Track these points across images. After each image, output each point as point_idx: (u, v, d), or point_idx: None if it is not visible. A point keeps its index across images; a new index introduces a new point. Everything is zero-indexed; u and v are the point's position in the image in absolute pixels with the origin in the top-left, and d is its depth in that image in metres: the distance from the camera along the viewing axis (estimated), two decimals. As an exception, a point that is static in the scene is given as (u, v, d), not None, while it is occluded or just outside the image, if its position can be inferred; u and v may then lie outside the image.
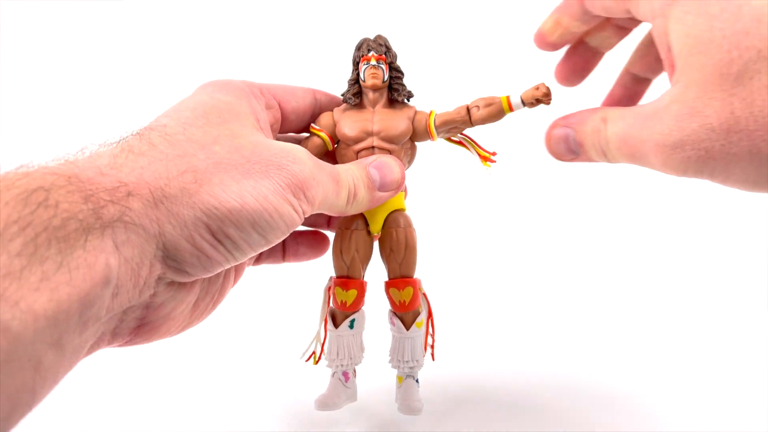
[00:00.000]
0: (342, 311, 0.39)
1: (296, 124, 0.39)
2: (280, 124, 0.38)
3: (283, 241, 0.42)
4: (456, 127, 0.38)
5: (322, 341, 0.41)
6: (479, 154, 0.39)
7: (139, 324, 0.29)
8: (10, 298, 0.21)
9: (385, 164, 0.36)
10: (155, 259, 0.27)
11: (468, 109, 0.37)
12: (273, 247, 0.41)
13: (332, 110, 0.39)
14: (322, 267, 0.42)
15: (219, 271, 0.30)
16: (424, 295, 0.40)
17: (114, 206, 0.25)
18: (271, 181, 0.29)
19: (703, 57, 0.27)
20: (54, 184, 0.24)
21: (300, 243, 0.42)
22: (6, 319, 0.21)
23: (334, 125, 0.38)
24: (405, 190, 0.40)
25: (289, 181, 0.30)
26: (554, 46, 0.38)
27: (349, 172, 0.35)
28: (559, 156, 0.35)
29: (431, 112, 0.38)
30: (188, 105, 0.32)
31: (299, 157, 0.31)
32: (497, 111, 0.36)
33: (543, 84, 0.35)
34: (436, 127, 0.38)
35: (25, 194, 0.23)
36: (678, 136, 0.28)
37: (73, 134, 0.79)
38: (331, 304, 0.40)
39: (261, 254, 0.42)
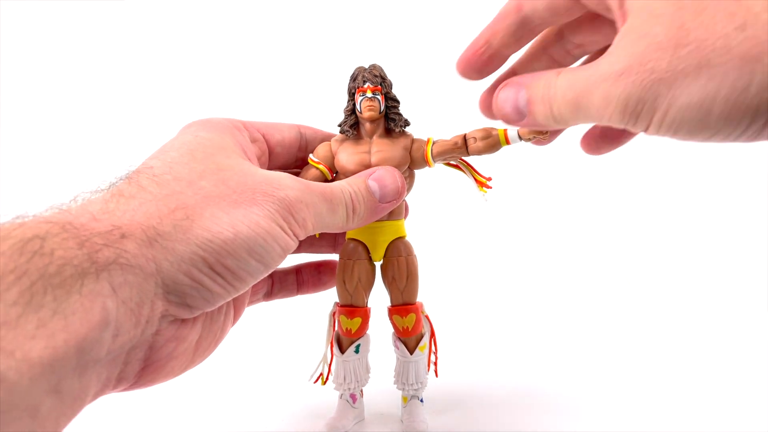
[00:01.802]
0: (347, 338, 0.40)
1: (284, 158, 0.39)
2: (267, 157, 0.38)
3: (295, 274, 0.43)
4: (453, 156, 0.38)
5: (329, 363, 0.42)
6: (476, 179, 0.39)
7: (144, 366, 0.29)
8: (6, 347, 0.21)
9: (384, 175, 0.36)
10: (156, 297, 0.27)
11: (465, 140, 0.37)
12: (285, 282, 0.43)
13: (329, 141, 0.39)
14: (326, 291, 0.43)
15: (221, 303, 0.30)
16: (427, 317, 0.41)
17: (109, 249, 0.25)
18: (260, 207, 0.30)
19: (661, 2, 0.25)
20: (49, 232, 0.24)
21: (308, 275, 0.43)
22: (2, 369, 0.21)
23: (332, 157, 0.38)
24: (406, 209, 0.41)
25: (277, 207, 0.30)
26: (481, 72, 0.34)
27: (346, 188, 0.35)
28: (503, 116, 0.33)
29: (429, 140, 0.38)
30: (173, 145, 0.32)
31: (284, 182, 0.32)
32: (494, 143, 0.37)
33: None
34: (433, 157, 0.38)
35: (20, 243, 0.23)
36: (625, 62, 0.26)
37: (58, 176, 0.80)
38: (336, 329, 0.41)
39: (273, 289, 0.43)
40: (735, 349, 0.55)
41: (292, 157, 0.40)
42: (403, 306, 0.40)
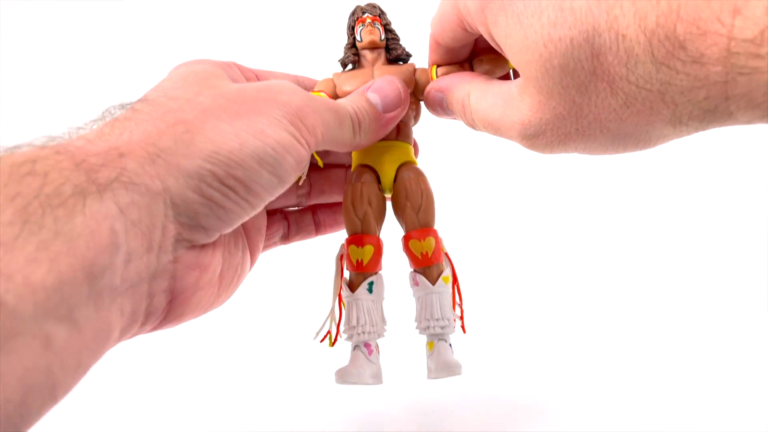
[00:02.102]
0: (359, 273, 0.35)
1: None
2: None
3: (312, 215, 0.40)
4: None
5: (337, 320, 0.36)
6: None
7: (170, 298, 0.27)
8: (4, 270, 0.19)
9: (383, 85, 0.35)
10: (167, 219, 0.25)
11: (471, 63, 0.37)
12: (302, 222, 0.40)
13: (330, 77, 0.39)
14: (332, 244, 0.39)
15: (238, 223, 0.28)
16: (447, 255, 0.37)
17: (108, 168, 0.24)
18: (265, 115, 0.28)
19: (526, 55, 0.27)
20: (39, 155, 0.23)
21: (325, 215, 0.41)
22: (0, 293, 0.19)
23: (335, 87, 0.38)
24: (416, 147, 0.39)
25: (283, 112, 0.28)
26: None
27: (348, 101, 0.33)
28: (436, 114, 0.36)
29: (433, 66, 0.38)
30: (166, 79, 0.31)
31: (287, 87, 0.30)
32: (503, 65, 0.36)
33: None
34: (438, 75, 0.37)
35: (9, 168, 0.22)
36: (536, 126, 0.28)
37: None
38: (345, 274, 0.36)
39: (290, 231, 0.40)
40: (736, 350, 0.50)
41: None
42: (421, 229, 0.35)
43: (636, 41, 0.23)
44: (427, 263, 0.35)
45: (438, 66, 0.36)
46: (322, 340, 0.35)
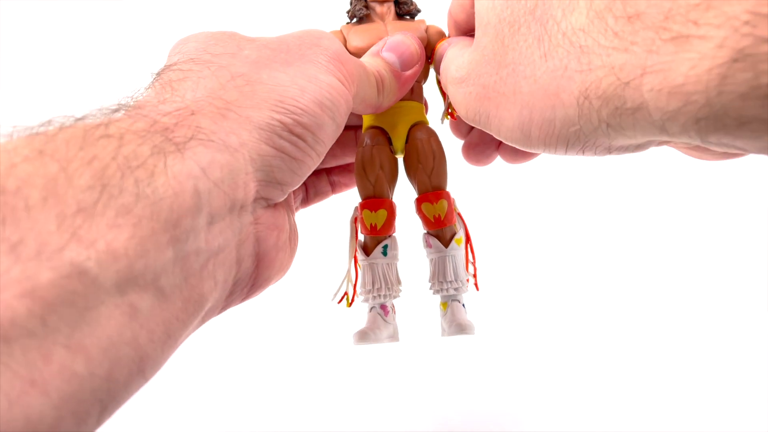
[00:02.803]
0: (373, 237, 0.36)
1: None
2: None
3: (327, 176, 0.41)
4: None
5: (354, 281, 0.37)
6: (447, 107, 0.38)
7: (257, 262, 0.26)
8: (85, 237, 0.18)
9: (397, 43, 0.34)
10: (248, 177, 0.24)
11: None
12: (319, 185, 0.41)
13: (339, 29, 0.38)
14: (347, 205, 0.39)
15: (307, 174, 0.28)
16: (460, 215, 0.37)
17: (183, 128, 0.22)
18: (312, 63, 0.28)
19: (490, 13, 0.27)
20: (111, 119, 0.21)
21: (338, 175, 0.41)
22: (80, 260, 0.18)
23: (344, 41, 0.37)
24: (425, 105, 0.38)
25: (328, 57, 0.28)
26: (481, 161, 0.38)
27: (368, 62, 0.33)
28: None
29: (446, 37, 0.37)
30: (184, 44, 0.29)
31: (323, 33, 0.30)
32: None
33: None
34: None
35: (81, 131, 0.20)
36: (464, 67, 0.28)
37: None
38: (359, 236, 0.36)
39: (308, 194, 0.40)
40: (736, 350, 0.50)
41: None
42: (433, 192, 0.36)
43: None
44: (440, 225, 0.36)
45: None
46: (339, 302, 0.37)
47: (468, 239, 0.37)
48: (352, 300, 0.37)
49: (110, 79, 0.85)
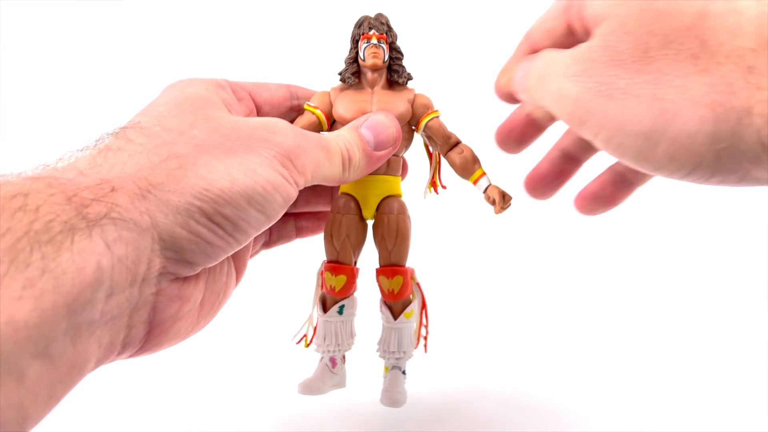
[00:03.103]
0: (331, 296, 0.38)
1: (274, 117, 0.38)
2: (256, 116, 0.37)
3: (294, 221, 0.42)
4: (435, 144, 0.37)
5: (314, 324, 0.40)
6: (432, 178, 0.39)
7: (149, 329, 0.28)
8: None
9: (377, 122, 0.34)
10: (153, 254, 0.26)
11: (453, 146, 0.37)
12: (284, 230, 0.42)
13: (328, 90, 0.38)
14: (318, 249, 0.42)
15: (223, 257, 0.29)
16: (418, 284, 0.39)
17: (99, 204, 0.24)
18: (256, 154, 0.28)
19: (636, 23, 0.26)
20: (32, 188, 0.23)
21: (307, 221, 0.42)
22: None
23: (330, 105, 0.37)
24: (404, 167, 0.39)
25: (274, 152, 0.29)
26: (520, 144, 0.37)
27: (339, 137, 0.33)
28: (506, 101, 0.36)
29: (436, 112, 0.37)
30: (159, 101, 0.31)
31: (280, 127, 0.30)
32: (469, 170, 0.36)
33: (510, 199, 0.35)
34: (427, 128, 0.37)
35: (2, 201, 0.22)
36: (584, 66, 0.26)
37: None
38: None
39: (271, 238, 0.42)
40: (736, 350, 0.51)
41: (282, 116, 0.38)
42: (390, 267, 0.37)
43: (748, 20, 0.23)
44: (393, 299, 0.38)
45: None
46: (298, 342, 0.41)
47: (423, 306, 0.39)
48: (310, 341, 0.40)
49: (107, 83, 0.84)
